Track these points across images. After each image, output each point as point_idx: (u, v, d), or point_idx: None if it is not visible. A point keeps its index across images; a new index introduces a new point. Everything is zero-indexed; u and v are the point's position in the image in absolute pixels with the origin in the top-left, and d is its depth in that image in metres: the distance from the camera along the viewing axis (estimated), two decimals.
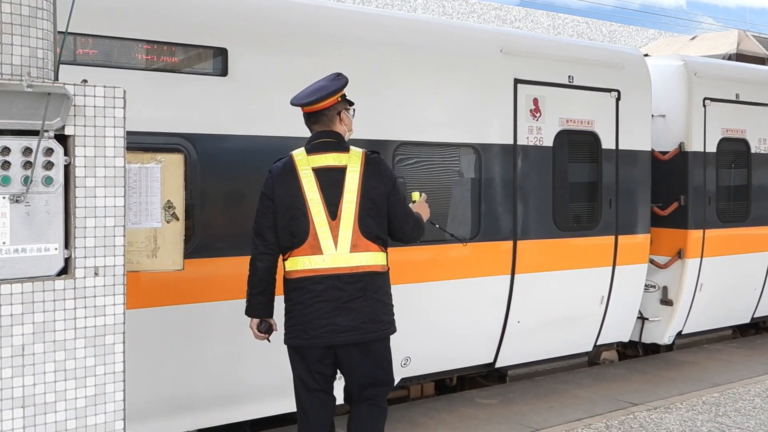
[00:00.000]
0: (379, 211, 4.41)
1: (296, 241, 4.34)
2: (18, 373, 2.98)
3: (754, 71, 10.02)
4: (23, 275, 2.99)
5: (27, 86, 2.91)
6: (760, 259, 9.73)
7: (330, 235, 4.31)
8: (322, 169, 4.38)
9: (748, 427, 6.38)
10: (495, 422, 6.49)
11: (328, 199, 4.33)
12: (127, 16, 5.35)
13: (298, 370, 4.47)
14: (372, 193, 4.38)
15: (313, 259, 4.32)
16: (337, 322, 4.29)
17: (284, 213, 4.36)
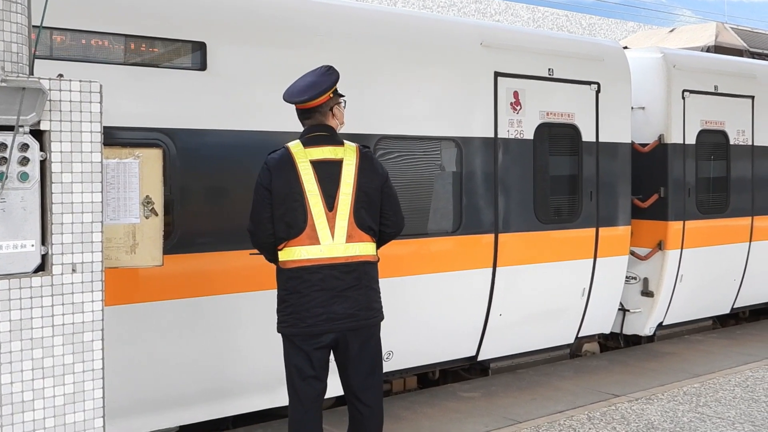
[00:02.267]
0: (372, 204, 4.53)
1: (293, 231, 4.40)
2: None
3: (733, 63, 10.10)
4: (0, 272, 2.97)
5: (1, 81, 2.89)
6: (739, 250, 9.81)
7: (327, 226, 4.40)
8: (320, 162, 4.46)
9: (728, 417, 6.43)
10: (478, 415, 6.50)
11: (325, 191, 4.41)
12: (104, 10, 5.31)
13: (294, 358, 4.49)
14: (367, 186, 4.50)
15: (310, 249, 4.39)
16: (334, 309, 4.39)
17: (281, 204, 4.41)
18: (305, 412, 4.52)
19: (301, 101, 4.52)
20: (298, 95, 4.54)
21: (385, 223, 4.62)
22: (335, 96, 4.64)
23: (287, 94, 4.60)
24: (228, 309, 5.75)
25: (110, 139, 4.70)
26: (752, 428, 6.16)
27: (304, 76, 4.66)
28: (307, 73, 4.67)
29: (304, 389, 4.50)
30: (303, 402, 4.51)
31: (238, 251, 5.73)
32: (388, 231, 4.65)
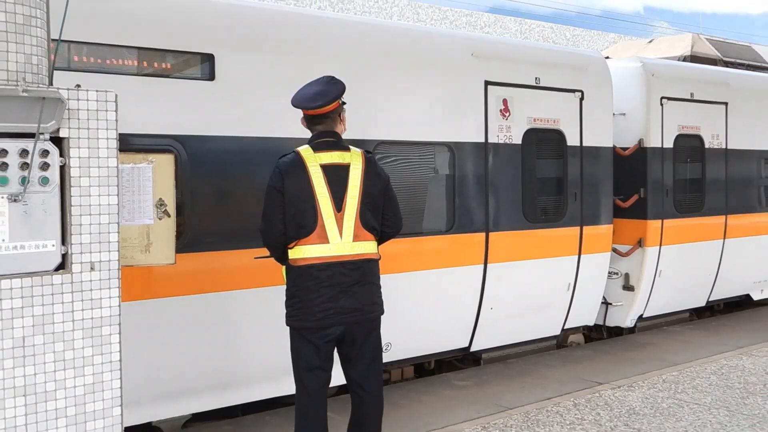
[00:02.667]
0: (375, 205, 4.57)
1: (303, 231, 4.40)
2: (19, 364, 2.97)
3: (707, 72, 10.08)
4: (22, 271, 2.98)
5: (22, 91, 2.89)
6: (714, 247, 9.80)
7: (336, 226, 4.42)
8: (329, 166, 4.47)
9: (704, 402, 6.42)
10: (470, 402, 6.49)
11: (334, 193, 4.43)
12: (120, 25, 5.29)
13: (303, 350, 4.49)
14: (371, 189, 4.54)
15: (319, 247, 4.41)
16: (341, 304, 4.42)
17: (292, 205, 4.41)
18: (311, 400, 4.52)
19: (314, 107, 4.52)
20: (310, 101, 4.54)
21: (386, 224, 4.65)
22: (341, 104, 4.66)
23: (298, 100, 4.58)
24: (236, 304, 5.74)
25: (125, 145, 4.70)
26: (727, 413, 6.15)
27: (309, 85, 4.65)
28: (312, 82, 4.66)
29: (311, 380, 4.50)
30: (310, 391, 4.51)
31: (245, 250, 5.73)
32: (388, 231, 4.68)
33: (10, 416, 2.95)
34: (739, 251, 10.10)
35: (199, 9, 5.86)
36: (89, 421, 3.13)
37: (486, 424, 5.82)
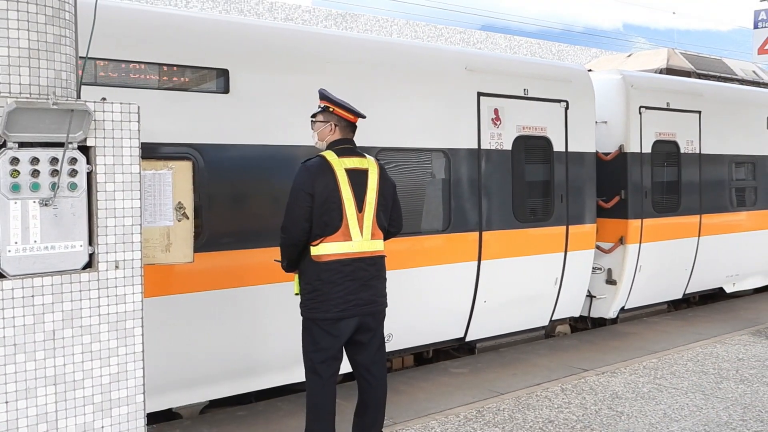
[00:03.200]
0: (386, 207, 4.69)
1: (329, 229, 4.42)
2: (50, 355, 2.95)
3: (682, 83, 10.06)
4: (53, 269, 2.95)
5: (53, 104, 2.87)
6: (690, 244, 9.78)
7: (357, 225, 4.47)
8: (352, 170, 4.52)
9: (682, 387, 6.40)
10: (466, 388, 6.46)
11: (356, 195, 4.48)
12: (142, 43, 5.29)
13: (321, 340, 4.48)
14: (385, 192, 4.64)
15: (343, 244, 4.45)
16: (361, 297, 4.49)
17: (321, 205, 4.41)
18: (325, 387, 4.50)
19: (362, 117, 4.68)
20: (362, 113, 4.69)
21: (392, 224, 4.74)
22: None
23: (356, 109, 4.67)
24: (250, 299, 5.72)
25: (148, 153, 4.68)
26: (702, 396, 6.13)
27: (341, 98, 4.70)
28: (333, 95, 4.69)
29: (326, 368, 4.49)
30: (324, 378, 4.49)
31: (259, 249, 5.71)
32: (393, 230, 4.78)
33: (42, 404, 2.94)
34: (713, 248, 10.06)
35: (214, 27, 5.86)
36: (114, 408, 3.11)
37: (480, 407, 5.80)
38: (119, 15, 5.26)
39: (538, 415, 5.65)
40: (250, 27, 6.14)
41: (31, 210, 2.89)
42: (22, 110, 2.80)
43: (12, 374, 2.86)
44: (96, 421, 3.06)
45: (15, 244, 2.86)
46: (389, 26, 21.50)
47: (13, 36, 2.90)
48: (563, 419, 5.55)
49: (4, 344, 2.84)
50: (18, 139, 2.85)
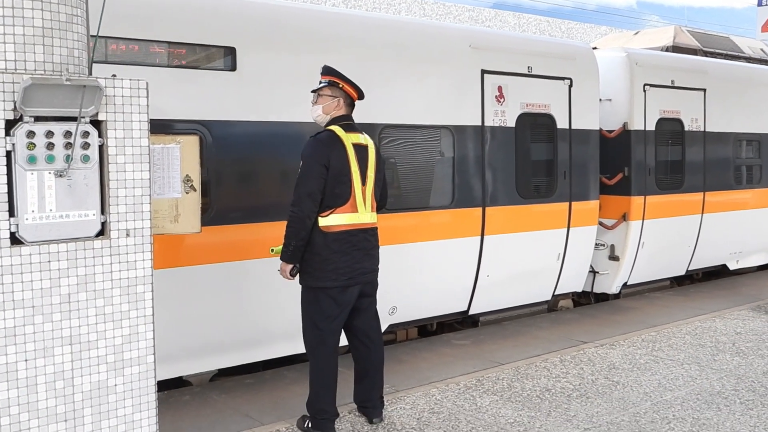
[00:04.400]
0: (380, 181, 4.87)
1: (339, 201, 4.59)
2: (66, 317, 3.12)
3: (687, 61, 10.06)
4: (68, 236, 3.11)
5: (66, 80, 3.01)
6: (693, 221, 9.84)
7: (362, 197, 4.68)
8: (356, 145, 4.71)
9: (678, 359, 6.53)
10: (467, 359, 6.61)
11: (361, 170, 4.68)
12: (152, 22, 5.40)
13: (327, 308, 4.65)
14: (380, 167, 4.87)
15: (351, 216, 4.65)
16: (365, 265, 4.73)
17: (334, 177, 4.57)
18: (330, 355, 4.68)
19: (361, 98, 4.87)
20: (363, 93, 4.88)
21: (381, 197, 4.97)
22: None
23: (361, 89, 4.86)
24: (256, 271, 5.84)
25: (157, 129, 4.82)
26: (698, 368, 6.27)
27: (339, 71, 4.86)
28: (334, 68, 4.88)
29: (331, 335, 4.67)
30: (329, 347, 4.67)
31: (264, 223, 5.84)
32: (381, 203, 5.00)
33: (59, 362, 3.12)
34: (716, 225, 10.11)
35: (222, 6, 5.95)
36: (126, 367, 3.29)
37: (480, 377, 5.95)
38: None
39: (535, 384, 5.81)
40: (258, 5, 6.21)
41: (46, 181, 3.06)
42: (37, 86, 2.95)
43: (31, 334, 3.04)
44: (109, 379, 3.24)
45: (32, 213, 3.03)
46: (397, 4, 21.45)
47: (28, 15, 3.04)
48: (560, 388, 5.71)
49: (23, 306, 3.02)
50: (34, 114, 3.00)
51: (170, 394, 5.69)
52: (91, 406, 3.19)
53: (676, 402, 5.42)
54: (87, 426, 3.19)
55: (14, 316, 3.00)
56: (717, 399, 5.49)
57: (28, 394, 3.04)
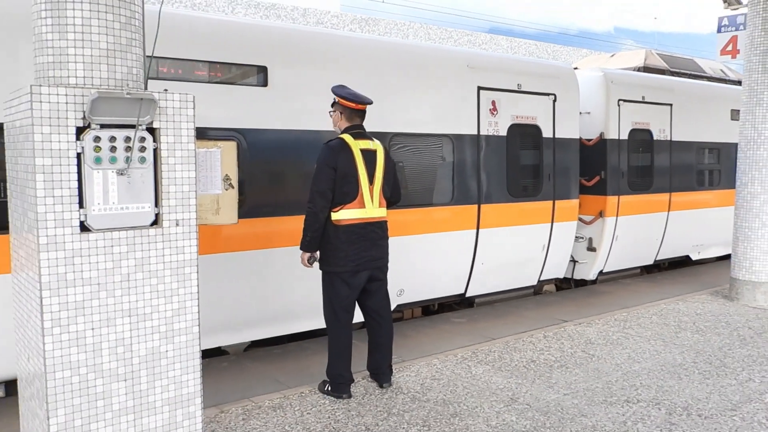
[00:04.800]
0: (389, 181, 4.91)
1: (348, 198, 4.66)
2: (125, 293, 3.19)
3: (656, 79, 10.05)
4: (127, 225, 3.18)
5: (126, 94, 3.08)
6: (660, 218, 9.85)
7: (369, 195, 4.72)
8: (365, 150, 4.75)
9: (645, 336, 6.56)
10: (464, 334, 6.67)
11: (368, 171, 4.72)
12: (195, 43, 5.49)
13: (341, 290, 4.73)
14: (388, 169, 4.88)
15: (359, 211, 4.69)
16: (372, 254, 4.77)
17: (342, 178, 4.63)
18: (343, 329, 4.77)
19: (368, 103, 4.82)
20: (366, 99, 4.82)
21: (393, 195, 4.99)
22: None
23: (360, 98, 4.77)
24: (284, 258, 5.91)
25: (201, 135, 4.90)
26: (663, 343, 6.29)
27: (346, 87, 4.86)
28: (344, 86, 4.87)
29: (344, 313, 4.75)
30: (342, 322, 4.75)
31: (291, 216, 5.92)
32: (393, 200, 5.04)
33: (120, 331, 3.19)
34: (681, 221, 10.13)
35: (256, 31, 6.03)
36: (176, 336, 3.35)
37: (475, 349, 6.00)
38: (179, 21, 5.47)
39: (522, 355, 5.86)
40: (286, 30, 6.27)
41: (110, 178, 3.13)
42: (102, 99, 3.02)
43: (96, 307, 3.12)
44: (161, 346, 3.32)
45: (98, 205, 3.11)
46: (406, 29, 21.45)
47: (95, 39, 3.12)
48: (543, 359, 5.76)
49: (90, 283, 3.10)
50: (99, 122, 3.07)
51: (210, 361, 5.78)
52: (146, 368, 3.27)
53: (643, 372, 5.46)
54: (143, 385, 3.27)
55: (83, 292, 3.08)
56: (678, 370, 5.53)
57: (94, 358, 3.13)
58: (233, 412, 4.53)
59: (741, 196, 8.11)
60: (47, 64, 3.12)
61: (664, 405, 4.75)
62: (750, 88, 8.01)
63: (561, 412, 4.59)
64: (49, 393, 3.03)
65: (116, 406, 3.20)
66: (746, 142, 8.06)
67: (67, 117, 3.02)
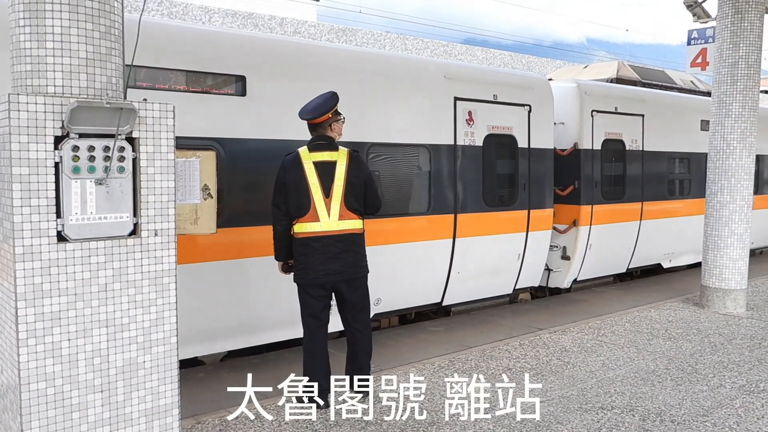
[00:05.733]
0: (357, 192, 4.74)
1: (301, 211, 4.64)
2: (103, 303, 3.16)
3: (628, 91, 10.21)
4: (105, 235, 3.16)
5: (106, 103, 3.07)
6: (632, 227, 9.98)
7: (324, 208, 4.63)
8: (320, 163, 4.68)
9: (619, 343, 6.64)
10: (441, 343, 6.68)
11: (323, 183, 4.63)
12: (174, 53, 5.46)
13: (305, 300, 4.75)
14: (353, 179, 4.71)
15: (313, 224, 4.64)
16: (329, 267, 4.66)
17: (293, 192, 4.63)
18: (314, 338, 4.75)
19: (309, 118, 4.76)
20: (306, 114, 4.78)
21: (367, 207, 4.87)
22: (334, 115, 4.83)
23: (301, 112, 4.82)
24: (261, 267, 5.86)
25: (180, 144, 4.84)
26: (636, 350, 6.39)
27: (315, 98, 4.85)
28: (318, 96, 4.86)
29: (312, 321, 4.75)
30: (312, 330, 4.75)
31: (268, 226, 5.89)
32: (368, 212, 4.92)
33: (96, 342, 3.16)
34: (652, 230, 10.28)
35: (234, 40, 6.02)
36: (153, 347, 3.33)
37: (452, 358, 6.02)
38: (159, 30, 5.44)
39: (499, 363, 5.90)
40: (264, 40, 6.28)
41: (88, 188, 3.11)
42: (81, 108, 3.01)
43: (73, 318, 3.09)
44: (139, 357, 3.30)
45: (76, 215, 3.09)
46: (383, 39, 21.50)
47: (74, 48, 3.11)
48: (519, 367, 5.81)
49: (67, 294, 3.07)
50: (78, 131, 3.06)
51: (187, 372, 5.73)
52: (123, 379, 3.24)
53: (617, 379, 5.54)
54: (120, 396, 3.24)
55: (59, 302, 3.05)
56: (651, 376, 5.62)
57: (70, 369, 3.09)
58: (210, 422, 4.50)
59: (710, 205, 8.28)
60: (25, 73, 3.09)
61: (638, 411, 4.82)
62: (719, 99, 8.21)
63: (537, 420, 4.63)
64: (23, 405, 2.99)
65: (92, 417, 3.17)
66: (715, 152, 8.24)
67: (45, 126, 3.00)
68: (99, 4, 3.14)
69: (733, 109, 8.08)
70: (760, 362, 6.06)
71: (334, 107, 4.81)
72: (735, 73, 8.06)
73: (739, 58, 8.02)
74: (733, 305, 8.12)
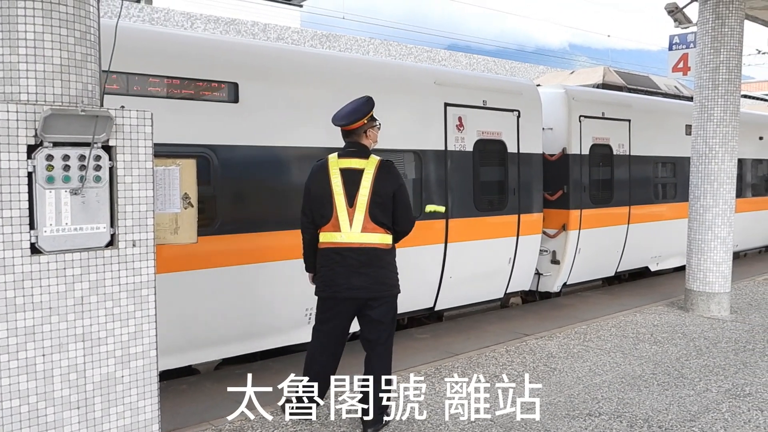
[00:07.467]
0: (384, 205, 4.26)
1: (324, 220, 4.31)
2: (79, 317, 3.02)
3: (615, 96, 10.12)
4: (81, 246, 3.02)
5: (81, 111, 2.93)
6: (620, 230, 9.88)
7: (347, 219, 4.25)
8: (346, 170, 4.31)
9: (605, 348, 6.51)
10: (428, 350, 6.51)
11: (348, 192, 4.26)
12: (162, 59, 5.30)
13: (320, 312, 4.44)
14: (380, 190, 4.27)
15: (335, 234, 4.28)
16: (352, 282, 4.25)
17: (317, 200, 4.32)
18: (320, 348, 4.47)
19: (342, 125, 4.40)
20: (339, 120, 4.42)
21: (395, 222, 4.34)
22: (370, 121, 4.45)
23: (334, 118, 4.45)
24: (255, 274, 5.72)
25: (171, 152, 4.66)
26: (622, 355, 6.25)
27: (348, 103, 4.51)
28: (352, 101, 4.52)
29: (321, 334, 4.45)
30: (322, 341, 4.45)
31: (264, 233, 5.72)
32: (397, 229, 4.37)
33: (72, 357, 3.01)
34: (640, 234, 10.17)
35: (227, 47, 5.87)
36: (132, 361, 3.18)
37: (438, 366, 5.85)
38: (151, 36, 5.29)
39: (485, 371, 5.72)
40: (256, 47, 6.14)
41: (63, 198, 2.96)
42: (56, 116, 2.86)
43: (48, 332, 2.93)
44: (117, 371, 3.14)
45: (50, 226, 2.93)
46: (367, 45, 21.22)
47: (48, 54, 2.95)
48: (506, 374, 5.65)
49: (41, 308, 2.91)
50: (52, 140, 2.91)
51: (169, 383, 5.53)
52: (101, 395, 3.09)
53: (604, 384, 5.40)
54: (97, 412, 3.08)
55: (33, 317, 2.90)
56: (638, 381, 5.48)
57: (45, 385, 2.93)
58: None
59: (694, 209, 8.16)
60: None
61: (625, 417, 4.68)
62: (701, 104, 8.09)
63: (524, 427, 4.48)
64: None
65: None
66: (698, 157, 8.12)
67: (17, 135, 2.85)
68: (74, 9, 2.99)
69: (715, 113, 7.96)
70: (745, 366, 5.92)
71: (370, 113, 4.42)
72: (716, 77, 7.93)
73: (720, 63, 7.89)
74: (717, 308, 7.99)
